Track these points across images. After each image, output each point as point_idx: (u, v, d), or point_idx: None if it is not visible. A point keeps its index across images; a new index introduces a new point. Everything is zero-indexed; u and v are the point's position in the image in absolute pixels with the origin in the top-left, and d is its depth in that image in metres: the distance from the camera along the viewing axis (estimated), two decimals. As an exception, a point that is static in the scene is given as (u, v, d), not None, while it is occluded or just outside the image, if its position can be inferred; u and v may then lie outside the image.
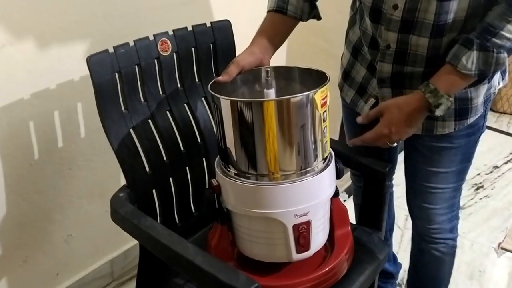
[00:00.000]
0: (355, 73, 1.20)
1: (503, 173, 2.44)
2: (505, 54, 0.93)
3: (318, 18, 1.19)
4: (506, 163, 2.53)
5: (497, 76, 1.13)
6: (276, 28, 1.14)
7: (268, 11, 1.15)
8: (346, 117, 1.34)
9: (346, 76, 1.23)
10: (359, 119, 1.08)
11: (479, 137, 1.17)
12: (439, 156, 1.16)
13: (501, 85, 1.16)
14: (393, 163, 1.41)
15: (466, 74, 0.95)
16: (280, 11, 1.13)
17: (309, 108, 0.88)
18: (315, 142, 0.92)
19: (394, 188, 1.52)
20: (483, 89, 1.08)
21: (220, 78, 1.00)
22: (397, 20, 1.01)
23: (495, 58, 0.93)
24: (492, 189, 2.32)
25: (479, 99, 1.09)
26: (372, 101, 1.16)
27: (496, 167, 2.49)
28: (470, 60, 0.93)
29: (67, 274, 1.54)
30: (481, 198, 2.24)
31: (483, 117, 1.14)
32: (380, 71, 1.09)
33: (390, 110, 1.01)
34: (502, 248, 1.92)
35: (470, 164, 1.21)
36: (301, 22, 1.17)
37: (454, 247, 1.33)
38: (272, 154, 0.89)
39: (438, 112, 0.98)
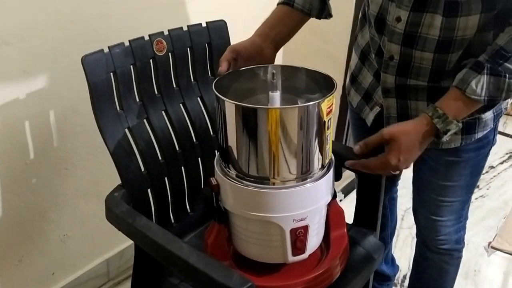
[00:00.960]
0: (362, 78, 1.17)
1: (498, 173, 2.45)
2: None
3: (329, 16, 1.15)
4: (501, 163, 2.54)
5: None
6: (281, 20, 1.11)
7: (277, 4, 1.13)
8: (352, 121, 1.31)
9: (353, 80, 1.20)
10: (357, 149, 1.00)
11: (489, 150, 1.14)
12: (447, 170, 1.13)
13: None
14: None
15: (474, 100, 0.90)
16: (288, 3, 1.10)
17: (315, 116, 0.87)
18: (317, 149, 0.91)
19: (390, 188, 1.52)
20: None
21: (219, 69, 0.98)
22: (400, 33, 0.98)
23: (507, 83, 0.87)
24: (487, 189, 2.32)
25: (488, 114, 1.05)
26: (377, 109, 1.13)
27: (492, 167, 2.50)
28: (480, 85, 0.88)
29: (63, 274, 1.53)
30: (476, 198, 2.24)
31: (494, 130, 1.10)
32: (384, 81, 1.06)
33: (399, 138, 0.93)
34: (493, 247, 1.93)
35: (480, 176, 1.18)
36: None
37: (459, 258, 1.32)
38: (274, 159, 0.88)
39: (445, 138, 0.93)
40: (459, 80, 0.91)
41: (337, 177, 1.02)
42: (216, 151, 1.15)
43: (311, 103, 0.86)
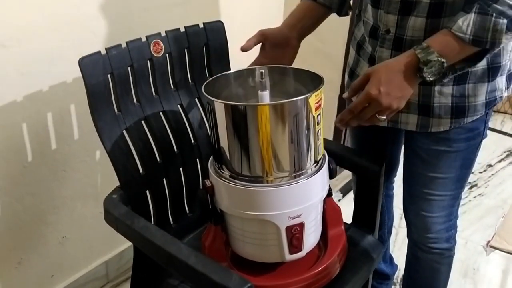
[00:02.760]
0: (359, 70, 1.18)
1: (496, 172, 2.46)
2: (505, 21, 0.87)
3: (350, 10, 1.21)
4: (499, 161, 2.55)
5: (503, 79, 1.08)
6: (306, 13, 1.18)
7: None
8: None
9: (352, 74, 1.21)
10: (345, 95, 0.99)
11: (480, 143, 1.14)
12: (438, 161, 1.13)
13: (508, 92, 1.11)
14: (393, 166, 1.41)
15: (460, 38, 0.89)
16: None
17: (303, 111, 0.88)
18: (308, 145, 0.92)
19: (389, 187, 1.52)
20: (482, 88, 1.05)
21: (243, 46, 1.04)
22: (397, 1, 0.99)
23: (493, 22, 0.87)
24: (486, 187, 2.33)
25: (479, 98, 1.05)
26: None
27: (490, 165, 2.50)
28: (466, 22, 0.89)
29: (62, 276, 1.53)
30: (475, 197, 2.25)
31: (484, 121, 1.10)
32: (379, 57, 1.06)
33: (378, 70, 0.93)
34: (491, 247, 1.93)
35: (470, 171, 1.19)
36: None
37: (450, 257, 1.32)
38: (266, 157, 0.89)
39: (427, 74, 0.90)
40: (450, 21, 0.92)
41: (331, 175, 1.02)
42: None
43: (299, 97, 0.87)
